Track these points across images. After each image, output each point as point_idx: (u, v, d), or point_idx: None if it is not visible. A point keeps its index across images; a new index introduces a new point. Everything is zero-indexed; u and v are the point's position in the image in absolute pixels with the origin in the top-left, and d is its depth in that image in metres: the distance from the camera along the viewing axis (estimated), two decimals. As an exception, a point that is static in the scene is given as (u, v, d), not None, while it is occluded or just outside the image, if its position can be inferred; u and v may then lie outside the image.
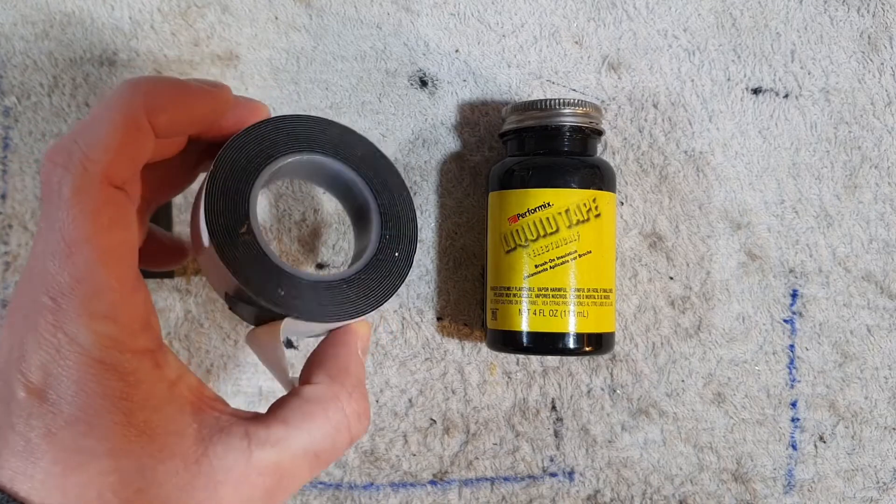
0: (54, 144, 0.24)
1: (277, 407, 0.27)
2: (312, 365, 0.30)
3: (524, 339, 0.39)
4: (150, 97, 0.25)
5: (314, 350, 0.31)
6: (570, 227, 0.38)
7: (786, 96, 0.45)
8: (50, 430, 0.22)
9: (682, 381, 0.45)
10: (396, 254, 0.33)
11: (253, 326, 0.32)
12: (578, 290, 0.38)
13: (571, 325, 0.38)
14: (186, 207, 0.44)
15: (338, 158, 0.33)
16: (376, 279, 0.32)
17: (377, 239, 0.33)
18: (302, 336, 0.32)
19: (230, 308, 0.31)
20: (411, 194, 0.35)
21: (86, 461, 0.22)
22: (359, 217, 0.35)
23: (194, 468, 0.24)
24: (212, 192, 0.29)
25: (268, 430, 0.26)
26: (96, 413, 0.23)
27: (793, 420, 0.45)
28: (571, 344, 0.39)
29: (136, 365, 0.24)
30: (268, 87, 0.44)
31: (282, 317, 0.29)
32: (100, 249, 0.23)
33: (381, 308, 0.32)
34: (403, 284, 0.39)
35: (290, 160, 0.31)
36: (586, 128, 0.40)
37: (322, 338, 0.32)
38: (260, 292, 0.28)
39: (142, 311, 0.24)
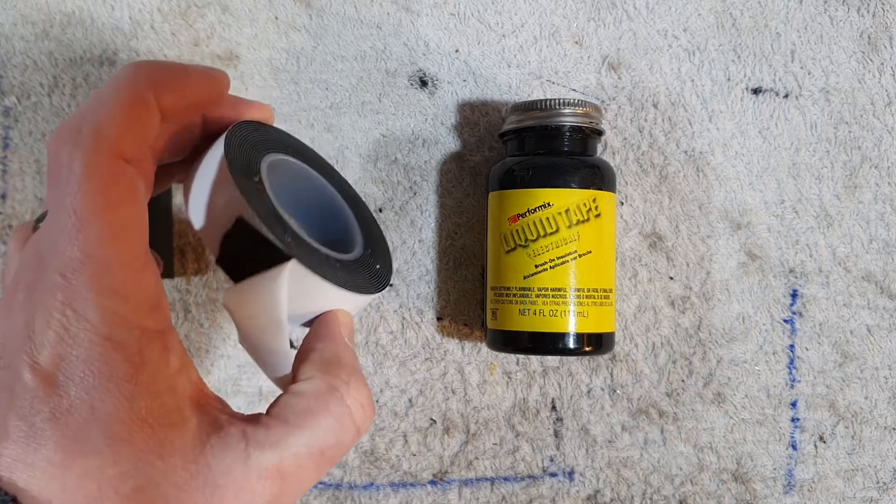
0: (61, 123, 0.24)
1: (275, 406, 0.26)
2: (301, 363, 0.28)
3: (524, 339, 0.39)
4: (154, 76, 0.25)
5: (299, 349, 0.29)
6: (570, 227, 0.38)
7: (786, 96, 0.45)
8: (55, 415, 0.22)
9: (682, 381, 0.45)
10: (378, 266, 0.33)
11: (233, 284, 0.29)
12: (578, 290, 0.38)
13: (571, 325, 0.38)
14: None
15: (325, 177, 0.34)
16: (365, 275, 0.32)
17: (362, 248, 0.33)
18: (294, 321, 0.31)
19: (220, 258, 0.28)
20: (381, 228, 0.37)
21: (87, 450, 0.22)
22: (340, 238, 0.35)
23: (192, 467, 0.23)
24: (230, 142, 0.28)
25: (266, 431, 0.25)
26: (101, 396, 0.22)
27: (793, 420, 0.45)
28: (571, 344, 0.39)
29: (143, 344, 0.23)
30: (268, 87, 0.44)
31: (281, 261, 0.27)
32: (110, 224, 0.23)
33: (371, 300, 0.32)
34: (404, 286, 0.39)
35: (289, 158, 0.32)
36: (586, 128, 0.40)
37: (305, 332, 0.31)
38: (270, 225, 0.27)
39: (151, 289, 0.24)
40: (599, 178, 0.40)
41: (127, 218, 0.24)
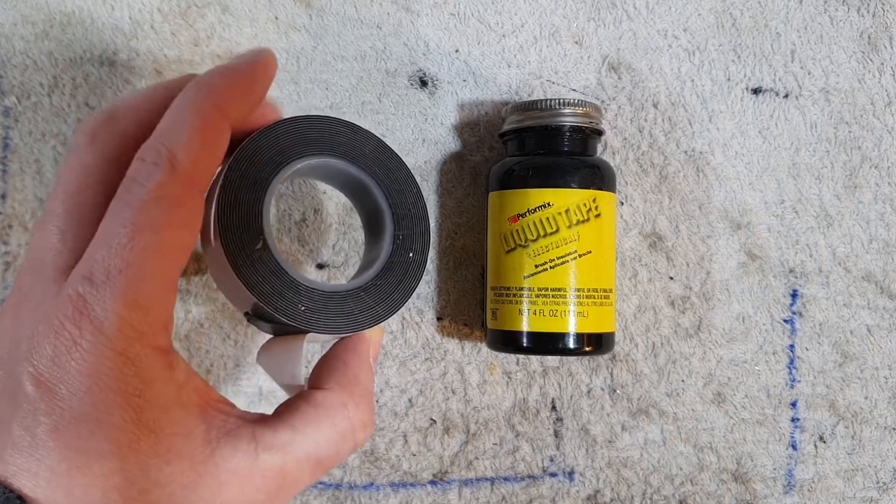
0: (146, 143, 0.25)
1: (284, 410, 0.27)
2: (322, 369, 0.30)
3: (524, 339, 0.39)
4: (217, 94, 0.26)
5: (325, 354, 0.31)
6: (570, 227, 0.38)
7: (786, 96, 0.45)
8: (57, 427, 0.22)
9: (682, 381, 0.45)
10: (410, 254, 0.33)
11: (271, 336, 0.31)
12: (578, 290, 0.38)
13: (571, 325, 0.38)
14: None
15: (348, 160, 0.32)
16: (392, 283, 0.32)
17: (391, 241, 0.33)
18: (319, 343, 0.32)
19: (249, 321, 0.30)
20: (420, 188, 0.35)
21: (92, 460, 0.22)
22: (371, 219, 0.35)
23: (200, 468, 0.24)
24: (224, 210, 0.28)
25: (274, 434, 0.26)
26: (107, 409, 0.22)
27: (793, 420, 0.45)
28: (571, 344, 0.39)
29: (152, 362, 0.24)
30: (268, 87, 0.44)
31: (303, 331, 0.29)
32: (162, 240, 0.23)
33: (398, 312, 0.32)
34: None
35: (300, 166, 0.31)
36: (586, 128, 0.40)
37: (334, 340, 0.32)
38: (282, 311, 0.28)
39: (170, 310, 0.25)
40: (599, 178, 0.40)
41: (180, 240, 0.24)
